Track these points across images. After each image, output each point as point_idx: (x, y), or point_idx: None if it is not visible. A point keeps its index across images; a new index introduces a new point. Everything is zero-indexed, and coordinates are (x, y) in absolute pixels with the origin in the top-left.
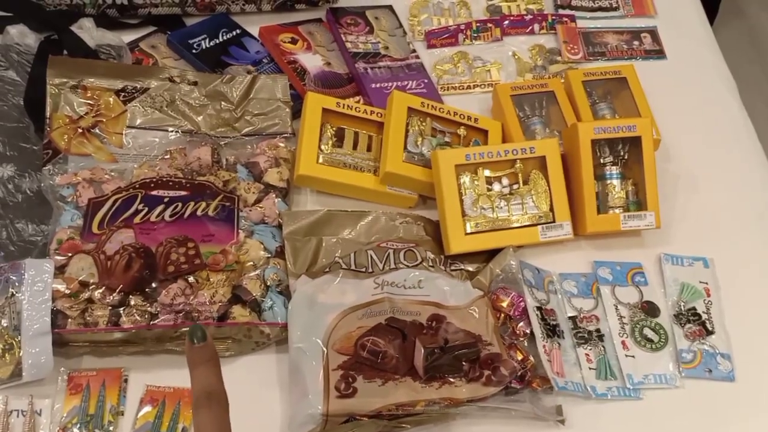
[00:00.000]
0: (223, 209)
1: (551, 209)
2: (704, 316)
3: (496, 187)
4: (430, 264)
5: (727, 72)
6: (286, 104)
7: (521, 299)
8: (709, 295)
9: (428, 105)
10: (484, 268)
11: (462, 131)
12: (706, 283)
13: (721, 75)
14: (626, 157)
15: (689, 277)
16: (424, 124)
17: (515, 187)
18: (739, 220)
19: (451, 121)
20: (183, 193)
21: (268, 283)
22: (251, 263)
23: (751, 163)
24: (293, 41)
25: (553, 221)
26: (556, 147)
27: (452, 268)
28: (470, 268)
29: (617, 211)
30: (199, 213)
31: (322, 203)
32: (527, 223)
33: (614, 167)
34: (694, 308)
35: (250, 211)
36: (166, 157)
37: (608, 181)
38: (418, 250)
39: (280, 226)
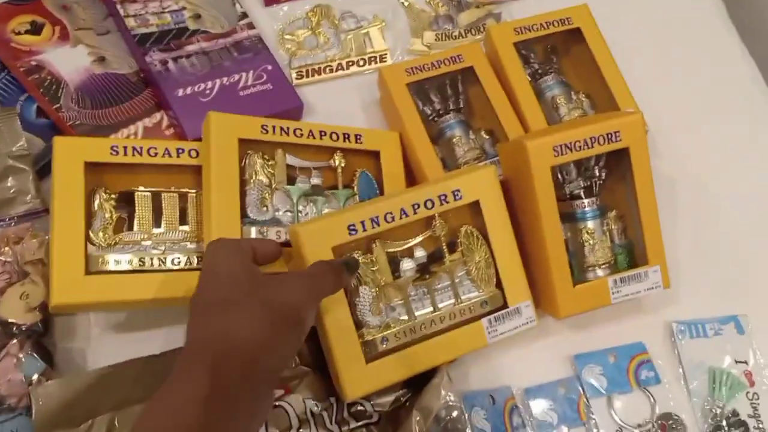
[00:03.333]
0: None
1: (499, 286)
2: (752, 424)
3: (407, 266)
4: (313, 431)
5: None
6: (23, 159)
7: None
8: (752, 384)
9: (275, 129)
10: (407, 417)
11: (338, 160)
12: (746, 363)
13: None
14: (603, 177)
15: (718, 356)
16: (271, 164)
17: (437, 260)
18: None
19: (318, 148)
20: None
21: None
22: None
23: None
24: (34, 29)
25: (505, 306)
26: (493, 181)
27: (350, 424)
28: (380, 409)
29: (601, 272)
30: None
31: (118, 325)
32: (466, 318)
33: (588, 200)
34: (735, 413)
35: None
36: None
37: (581, 224)
38: (289, 403)
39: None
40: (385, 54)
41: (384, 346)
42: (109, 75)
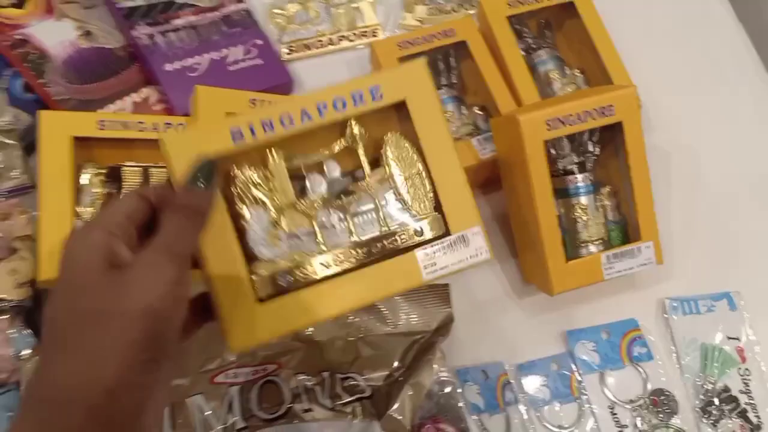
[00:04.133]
0: None
1: (438, 208)
2: (743, 400)
3: (317, 185)
4: (305, 405)
5: None
6: (10, 134)
7: None
8: (744, 360)
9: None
10: (400, 392)
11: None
12: (738, 339)
13: None
14: (596, 153)
15: (711, 332)
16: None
17: (357, 177)
18: None
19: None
20: None
21: None
22: None
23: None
24: (18, 2)
25: (447, 234)
26: (423, 74)
27: (343, 398)
28: (373, 384)
29: (594, 248)
30: None
31: None
32: (395, 248)
33: (582, 175)
34: (726, 389)
35: None
36: None
37: (574, 200)
38: (280, 378)
39: None
40: (377, 28)
41: (284, 283)
42: (96, 49)
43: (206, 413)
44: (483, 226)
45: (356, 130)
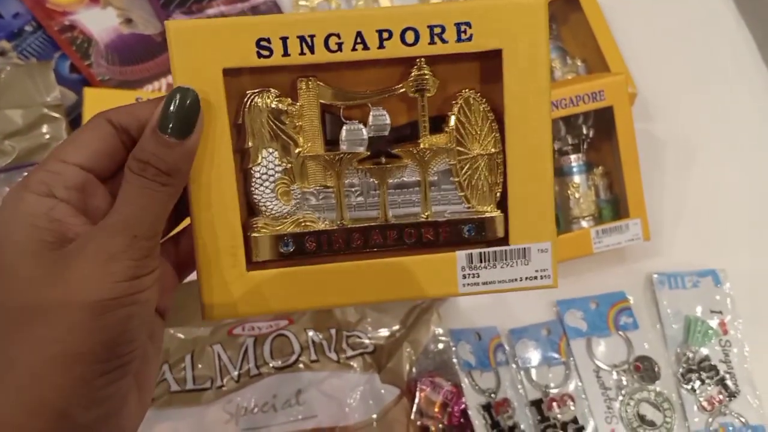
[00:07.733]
0: None
1: (503, 205)
2: (723, 368)
3: (354, 134)
4: (313, 356)
5: None
6: (57, 108)
7: (459, 400)
8: (725, 332)
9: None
10: (399, 349)
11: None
12: (720, 313)
13: None
14: (591, 135)
15: (695, 305)
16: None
17: (409, 138)
18: (760, 204)
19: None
20: None
21: None
22: None
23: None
24: None
25: (503, 241)
26: (537, 21)
27: (347, 352)
28: (377, 342)
29: (585, 223)
30: None
31: None
32: (431, 241)
33: (575, 155)
34: (707, 358)
35: None
36: None
37: (568, 178)
38: (291, 332)
39: None
40: None
41: (284, 250)
42: (136, 35)
43: (223, 360)
44: (555, 244)
45: (425, 74)
